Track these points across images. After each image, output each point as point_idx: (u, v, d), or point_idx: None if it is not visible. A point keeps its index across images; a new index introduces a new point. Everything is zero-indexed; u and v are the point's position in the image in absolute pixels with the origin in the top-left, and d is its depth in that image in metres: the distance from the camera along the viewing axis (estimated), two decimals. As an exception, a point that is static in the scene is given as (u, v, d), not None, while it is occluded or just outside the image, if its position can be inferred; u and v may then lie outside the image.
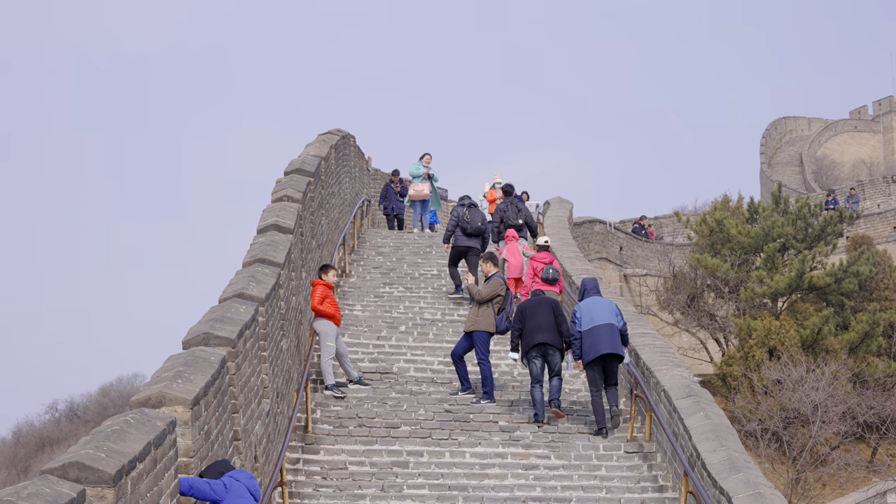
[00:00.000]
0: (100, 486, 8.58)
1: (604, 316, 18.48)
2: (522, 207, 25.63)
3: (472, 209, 24.74)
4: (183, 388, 10.98)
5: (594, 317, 18.47)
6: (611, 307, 18.68)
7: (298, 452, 17.31)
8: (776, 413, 32.94)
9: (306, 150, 26.75)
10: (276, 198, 21.37)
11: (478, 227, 24.49)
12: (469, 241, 24.53)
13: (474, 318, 19.63)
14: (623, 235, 49.11)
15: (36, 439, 70.67)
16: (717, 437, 15.27)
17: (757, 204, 40.92)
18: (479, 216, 24.66)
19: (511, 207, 25.42)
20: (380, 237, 30.95)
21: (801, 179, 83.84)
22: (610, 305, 18.73)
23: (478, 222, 24.53)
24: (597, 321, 18.41)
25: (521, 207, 25.56)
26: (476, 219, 24.56)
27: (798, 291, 37.51)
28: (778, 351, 34.79)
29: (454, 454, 17.68)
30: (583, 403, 19.71)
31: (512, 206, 25.40)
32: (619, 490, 16.68)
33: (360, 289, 25.55)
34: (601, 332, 18.32)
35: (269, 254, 17.54)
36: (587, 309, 18.62)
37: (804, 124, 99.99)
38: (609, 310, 18.61)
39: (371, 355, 21.56)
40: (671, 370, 18.01)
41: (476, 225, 24.48)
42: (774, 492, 13.64)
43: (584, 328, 18.44)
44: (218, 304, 14.56)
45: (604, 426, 18.30)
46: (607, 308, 18.64)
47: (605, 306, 18.66)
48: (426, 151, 33.46)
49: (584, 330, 18.42)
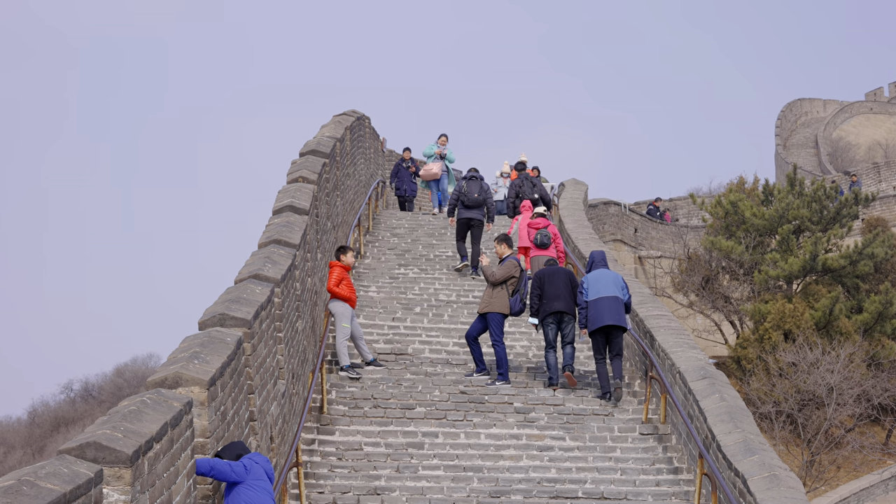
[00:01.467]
0: (117, 466, 8.60)
1: (609, 288, 19.08)
2: (537, 182, 26.22)
3: (470, 181, 25.21)
4: (199, 368, 11.01)
5: (599, 288, 19.08)
6: (616, 280, 19.26)
7: (314, 433, 17.34)
8: (791, 395, 32.90)
9: (321, 131, 26.74)
10: (291, 179, 21.37)
11: (475, 198, 24.94)
12: (468, 212, 25.04)
13: (488, 299, 19.64)
14: (638, 217, 49.01)
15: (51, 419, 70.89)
16: (733, 419, 15.26)
17: (772, 186, 40.80)
18: (477, 188, 25.06)
19: (527, 183, 26.01)
20: (395, 218, 30.95)
21: (817, 161, 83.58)
22: (616, 278, 19.29)
23: (474, 193, 24.97)
24: (602, 293, 19.03)
25: (535, 182, 26.14)
26: (473, 190, 25.00)
27: (812, 274, 37.44)
28: (793, 333, 34.74)
29: (469, 435, 17.70)
30: (597, 385, 19.69)
31: (527, 182, 25.90)
32: (633, 472, 16.69)
33: (376, 270, 25.56)
34: (605, 303, 18.92)
35: (284, 235, 17.56)
36: (594, 280, 19.23)
37: (819, 106, 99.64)
38: (614, 282, 19.19)
39: (386, 336, 21.57)
40: (686, 352, 18.00)
41: (473, 196, 24.95)
42: (789, 473, 13.63)
43: (590, 298, 19.06)
44: (234, 285, 14.58)
45: (608, 391, 18.87)
46: (612, 280, 19.21)
47: (611, 279, 19.24)
48: (443, 132, 33.37)
49: (590, 300, 19.04)
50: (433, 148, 33.09)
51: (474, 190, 25.03)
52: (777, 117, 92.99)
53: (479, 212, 25.07)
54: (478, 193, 25.01)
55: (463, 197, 25.05)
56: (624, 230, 47.32)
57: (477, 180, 25.29)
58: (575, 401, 18.91)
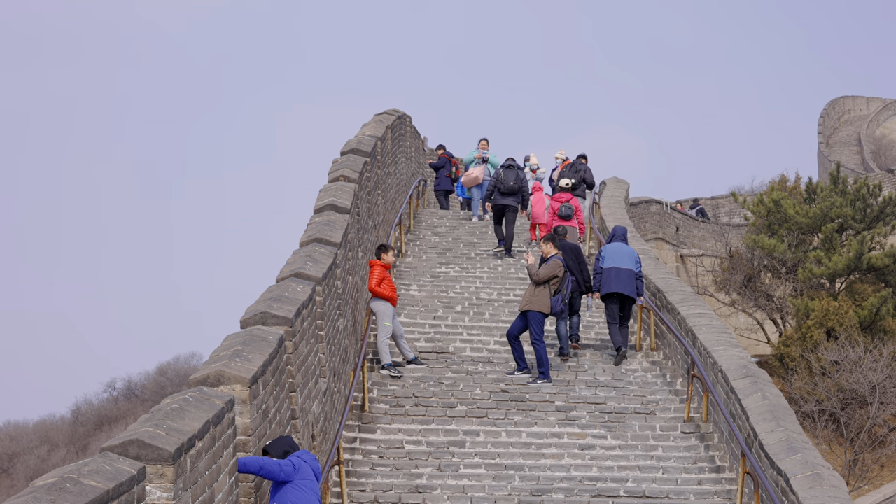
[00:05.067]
0: (159, 463, 8.65)
1: (623, 261, 20.92)
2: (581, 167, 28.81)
3: (507, 170, 26.65)
4: (241, 366, 11.05)
5: (615, 259, 20.93)
6: (632, 255, 21.10)
7: (355, 431, 17.37)
8: (834, 394, 32.76)
9: (362, 130, 26.80)
10: (332, 178, 21.42)
11: (510, 185, 26.36)
12: (503, 199, 26.48)
13: (530, 297, 19.63)
14: (679, 216, 48.90)
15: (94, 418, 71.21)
16: (775, 417, 15.20)
17: (815, 184, 40.64)
18: (513, 176, 26.46)
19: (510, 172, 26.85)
20: (436, 217, 30.96)
21: (860, 159, 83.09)
22: (631, 253, 21.13)
23: (510, 181, 26.38)
24: (616, 263, 20.88)
25: (578, 168, 28.73)
26: (509, 178, 26.43)
27: (856, 272, 37.26)
28: (836, 332, 34.58)
29: (510, 434, 17.69)
30: (638, 384, 19.68)
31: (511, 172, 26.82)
32: (675, 470, 16.65)
33: (417, 269, 25.58)
34: (618, 273, 20.77)
35: (326, 233, 17.60)
36: (611, 252, 21.11)
37: (862, 104, 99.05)
38: (630, 257, 21.03)
39: (427, 335, 21.59)
40: (728, 350, 17.94)
41: (508, 184, 26.38)
42: (832, 472, 13.57)
43: (606, 266, 20.91)
44: (275, 284, 14.63)
45: (620, 345, 20.68)
46: (628, 255, 21.05)
47: (627, 253, 21.08)
48: (483, 136, 32.66)
49: (605, 268, 20.91)
50: (474, 153, 32.16)
51: (510, 178, 26.42)
52: (819, 115, 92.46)
53: (515, 199, 26.45)
54: (513, 181, 26.40)
55: (500, 184, 26.44)
56: (665, 228, 47.22)
57: (514, 169, 26.64)
58: (616, 399, 18.88)
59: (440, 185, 35.02)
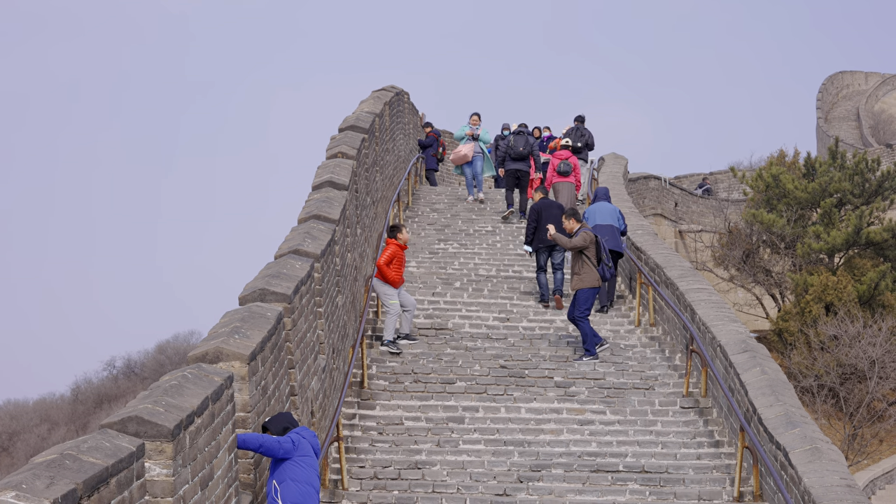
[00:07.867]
0: (158, 440, 8.65)
1: (606, 217, 21.98)
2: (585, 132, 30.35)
3: (517, 136, 27.90)
4: (240, 343, 11.04)
5: (598, 218, 21.94)
6: (614, 211, 22.22)
7: (354, 408, 17.39)
8: (833, 369, 32.79)
9: (360, 106, 26.75)
10: (330, 154, 21.39)
11: (519, 151, 27.70)
12: (514, 164, 27.82)
13: (578, 276, 19.70)
14: (678, 191, 48.84)
15: (94, 396, 71.32)
16: (774, 392, 15.21)
17: (814, 159, 40.59)
18: (523, 142, 27.69)
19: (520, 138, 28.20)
20: (434, 194, 30.92)
21: (859, 134, 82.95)
22: (613, 210, 22.24)
23: (520, 147, 27.67)
24: (599, 221, 21.85)
25: (584, 132, 30.30)
26: (519, 144, 27.70)
27: (855, 247, 37.26)
28: (835, 306, 34.59)
29: (509, 409, 17.71)
30: (637, 359, 19.69)
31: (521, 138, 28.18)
32: (674, 445, 16.66)
33: (415, 245, 25.58)
34: (603, 230, 21.53)
35: (324, 210, 17.57)
36: (594, 211, 22.20)
37: (861, 79, 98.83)
38: (612, 213, 22.13)
39: (426, 311, 21.59)
40: (727, 325, 17.94)
41: (518, 150, 27.70)
42: (831, 447, 13.58)
43: (590, 225, 21.41)
44: (274, 261, 14.62)
45: (605, 304, 22.00)
46: (610, 211, 22.15)
47: (609, 210, 22.19)
48: (475, 111, 30.59)
49: (590, 227, 21.09)
50: (464, 129, 30.28)
51: (520, 144, 27.67)
52: (818, 90, 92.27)
53: (526, 163, 27.84)
54: (523, 147, 27.65)
55: (510, 150, 27.72)
56: (664, 204, 47.18)
57: (524, 135, 27.90)
58: (615, 374, 18.88)
59: (427, 165, 34.31)
